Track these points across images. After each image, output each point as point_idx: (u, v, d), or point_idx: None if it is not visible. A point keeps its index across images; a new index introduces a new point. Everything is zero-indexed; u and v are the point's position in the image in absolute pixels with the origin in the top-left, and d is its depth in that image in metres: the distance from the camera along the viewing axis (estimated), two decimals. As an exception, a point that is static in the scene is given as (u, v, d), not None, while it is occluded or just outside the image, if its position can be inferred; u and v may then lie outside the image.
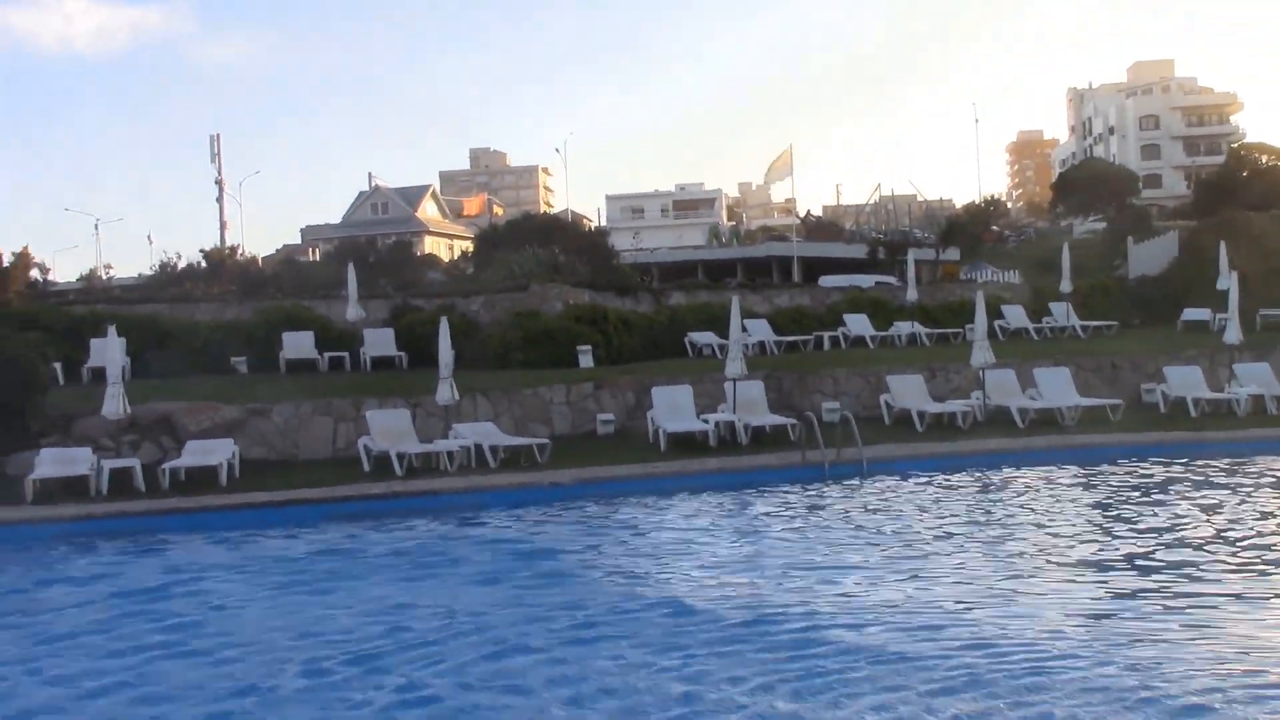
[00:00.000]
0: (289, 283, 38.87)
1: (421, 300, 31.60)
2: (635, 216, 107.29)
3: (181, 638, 11.03)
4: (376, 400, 22.52)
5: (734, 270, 57.28)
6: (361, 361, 28.26)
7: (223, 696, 9.17)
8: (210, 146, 71.19)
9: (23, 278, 40.49)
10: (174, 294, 34.98)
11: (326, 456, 21.91)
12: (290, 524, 16.92)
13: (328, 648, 10.30)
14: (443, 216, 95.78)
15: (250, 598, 12.80)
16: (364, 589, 12.91)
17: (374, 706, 8.81)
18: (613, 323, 29.21)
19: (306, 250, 77.30)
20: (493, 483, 19.06)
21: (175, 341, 27.51)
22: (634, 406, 24.47)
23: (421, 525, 16.80)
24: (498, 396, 23.60)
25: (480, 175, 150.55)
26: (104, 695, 9.36)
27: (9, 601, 13.23)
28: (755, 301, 34.25)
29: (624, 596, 11.88)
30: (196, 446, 20.39)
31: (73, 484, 18.83)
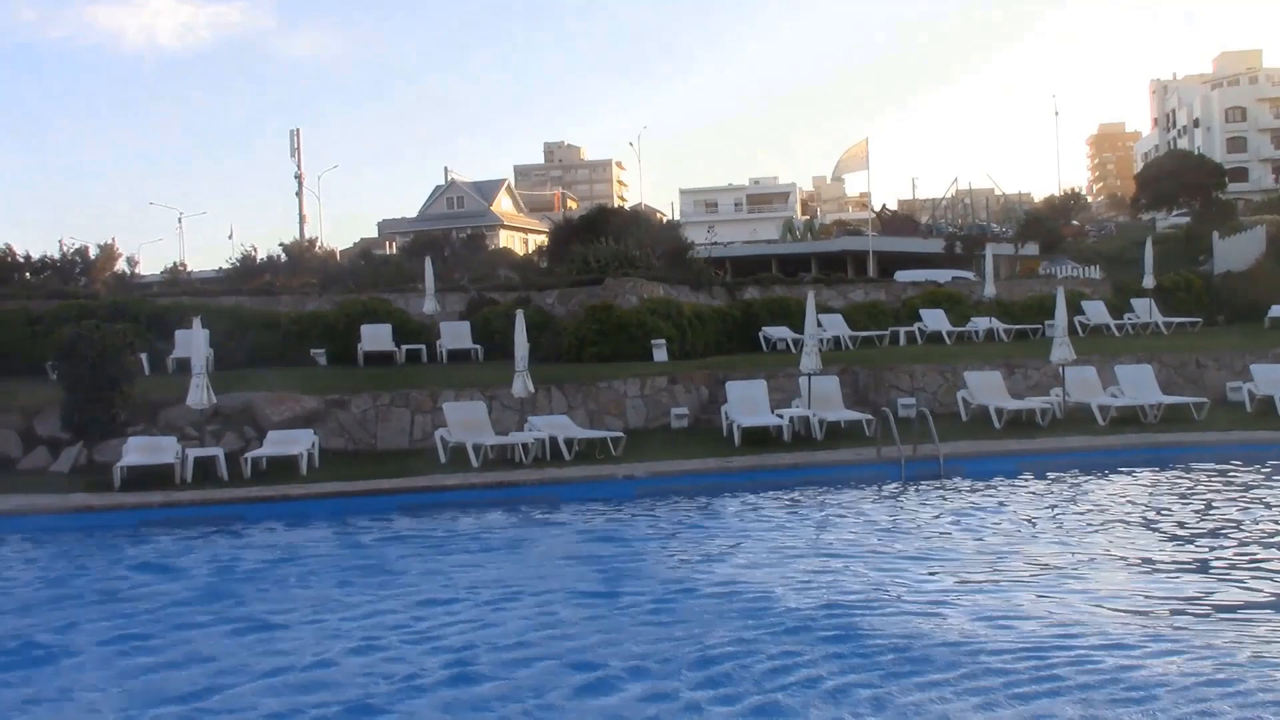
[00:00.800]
0: (366, 276, 39.31)
1: (496, 293, 31.81)
2: (709, 210, 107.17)
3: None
4: (453, 392, 22.74)
5: (808, 265, 56.98)
6: (438, 354, 28.54)
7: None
8: (290, 141, 72.22)
9: (110, 270, 41.36)
10: (255, 286, 35.53)
11: (404, 447, 22.17)
12: (370, 513, 17.15)
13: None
14: (517, 210, 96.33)
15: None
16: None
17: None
18: (687, 317, 29.19)
19: (383, 244, 78.20)
20: (567, 475, 19.15)
21: (256, 333, 28.00)
22: (708, 401, 24.47)
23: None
24: (572, 390, 23.72)
25: (554, 169, 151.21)
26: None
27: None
28: (830, 296, 34.04)
29: (709, 593, 11.82)
30: (278, 436, 20.77)
31: (159, 472, 19.25)
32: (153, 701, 8.91)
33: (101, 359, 20.70)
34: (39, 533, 16.56)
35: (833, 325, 31.16)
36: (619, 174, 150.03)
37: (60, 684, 9.53)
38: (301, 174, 71.80)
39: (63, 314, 26.52)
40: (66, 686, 9.45)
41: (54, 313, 27.06)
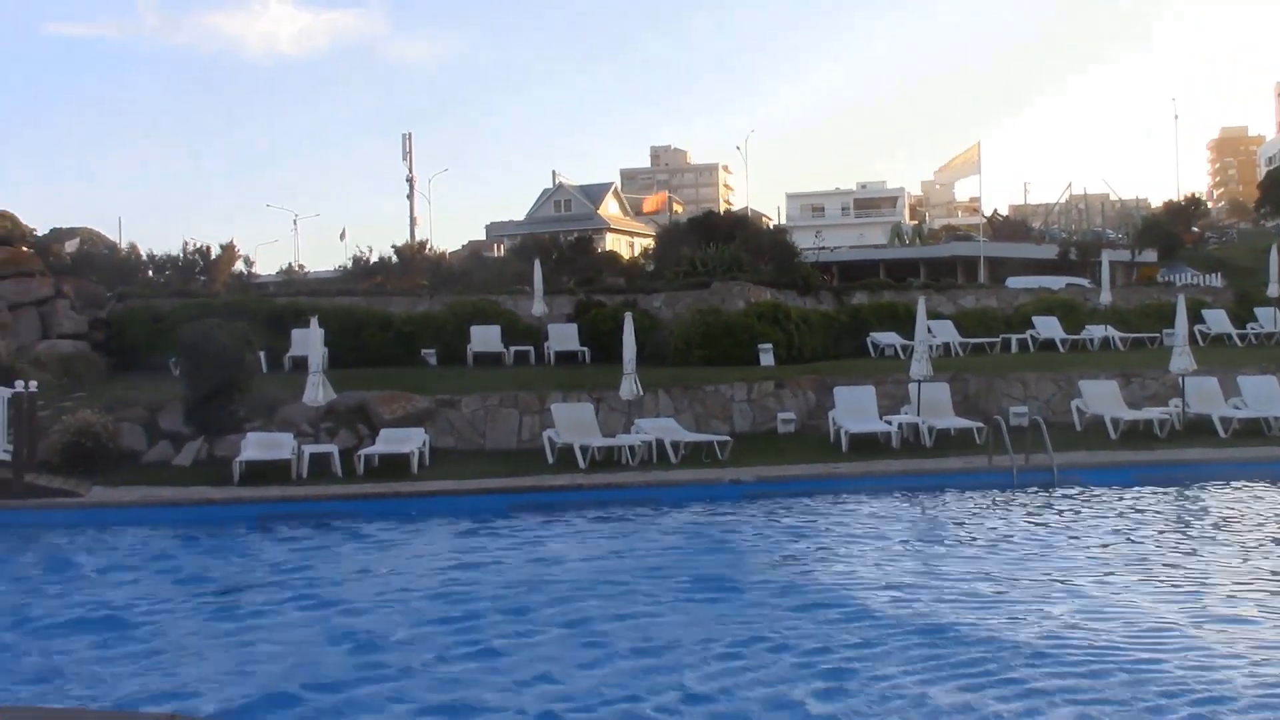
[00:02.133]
0: (476, 278, 39.83)
1: (604, 296, 31.98)
2: (815, 215, 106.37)
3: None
4: (561, 394, 22.93)
5: (916, 270, 56.30)
6: (545, 355, 28.79)
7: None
8: (402, 145, 73.44)
9: (229, 270, 42.46)
10: (367, 287, 36.21)
11: (512, 448, 22.41)
12: (480, 513, 17.37)
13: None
14: (624, 214, 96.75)
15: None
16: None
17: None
18: (794, 321, 29.04)
19: (492, 246, 79.08)
20: (674, 478, 19.19)
21: (369, 333, 28.57)
22: (814, 406, 24.31)
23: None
24: (679, 393, 23.75)
25: (660, 173, 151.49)
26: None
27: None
28: (940, 302, 33.60)
29: (820, 600, 11.74)
30: (390, 435, 21.15)
31: (275, 467, 19.74)
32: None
33: (222, 356, 21.28)
34: (165, 524, 17.07)
35: (942, 331, 30.73)
36: (725, 178, 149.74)
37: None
38: (413, 177, 73.00)
39: (185, 312, 27.31)
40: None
41: (177, 311, 27.90)
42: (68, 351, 26.78)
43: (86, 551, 15.43)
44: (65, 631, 10.99)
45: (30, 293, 27.61)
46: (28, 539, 16.35)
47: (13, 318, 26.77)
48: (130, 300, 30.02)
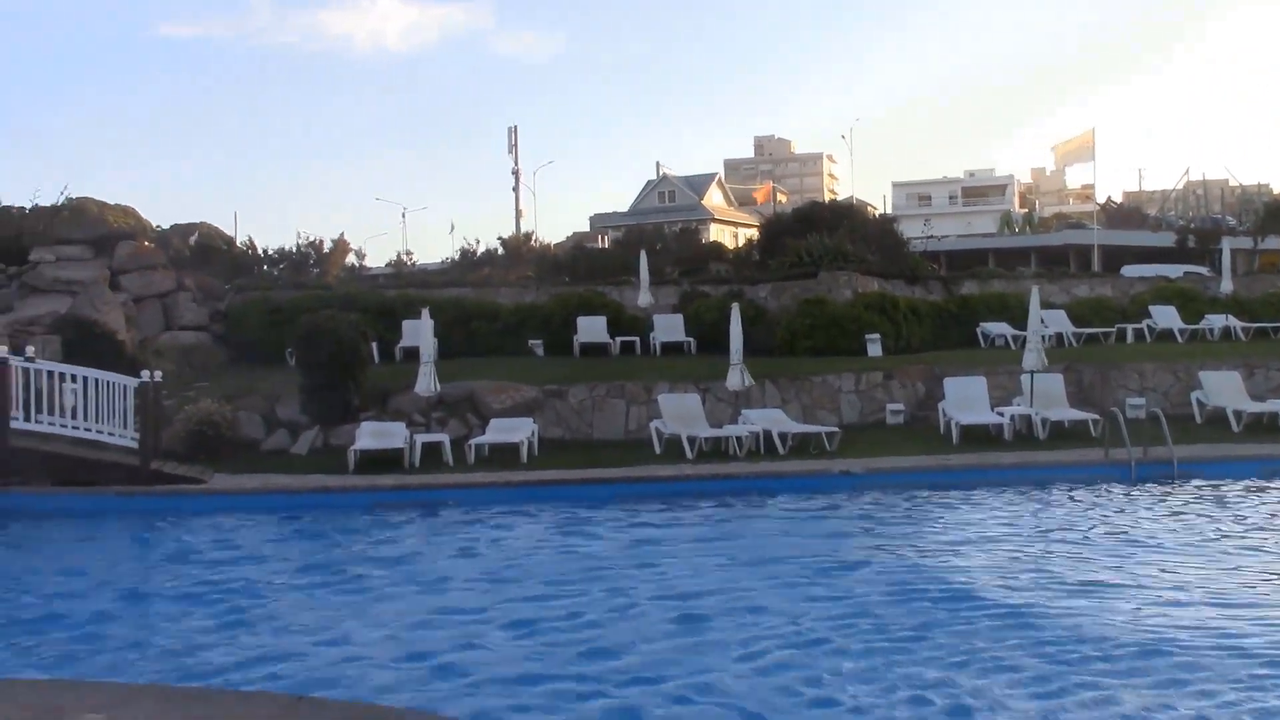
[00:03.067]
0: (581, 269, 40.04)
1: (709, 286, 31.95)
2: (922, 204, 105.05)
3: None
4: (667, 384, 23.00)
5: (1027, 259, 55.23)
6: (651, 346, 28.86)
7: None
8: (508, 138, 74.18)
9: (340, 262, 43.30)
10: (475, 279, 36.66)
11: (619, 438, 22.54)
12: (588, 502, 17.51)
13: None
14: (728, 204, 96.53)
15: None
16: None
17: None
18: (902, 311, 28.70)
19: (596, 237, 79.49)
20: (782, 469, 19.13)
21: (478, 324, 28.94)
22: (924, 397, 24.03)
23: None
24: (785, 383, 23.66)
25: (764, 163, 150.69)
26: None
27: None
28: (1052, 291, 32.89)
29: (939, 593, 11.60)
30: (499, 424, 21.42)
31: (388, 456, 20.12)
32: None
33: (337, 348, 21.75)
34: (284, 510, 17.52)
35: (1055, 321, 30.08)
36: (829, 167, 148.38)
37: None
38: (518, 170, 73.72)
39: (300, 304, 27.93)
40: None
41: (292, 303, 28.55)
42: (189, 342, 27.64)
43: (214, 536, 15.89)
44: (201, 611, 11.36)
45: (153, 286, 28.52)
46: (156, 523, 16.89)
47: (137, 310, 27.68)
48: (247, 293, 30.80)
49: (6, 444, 18.81)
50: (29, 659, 9.77)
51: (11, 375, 18.88)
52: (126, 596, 12.24)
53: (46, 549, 15.60)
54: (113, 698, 6.51)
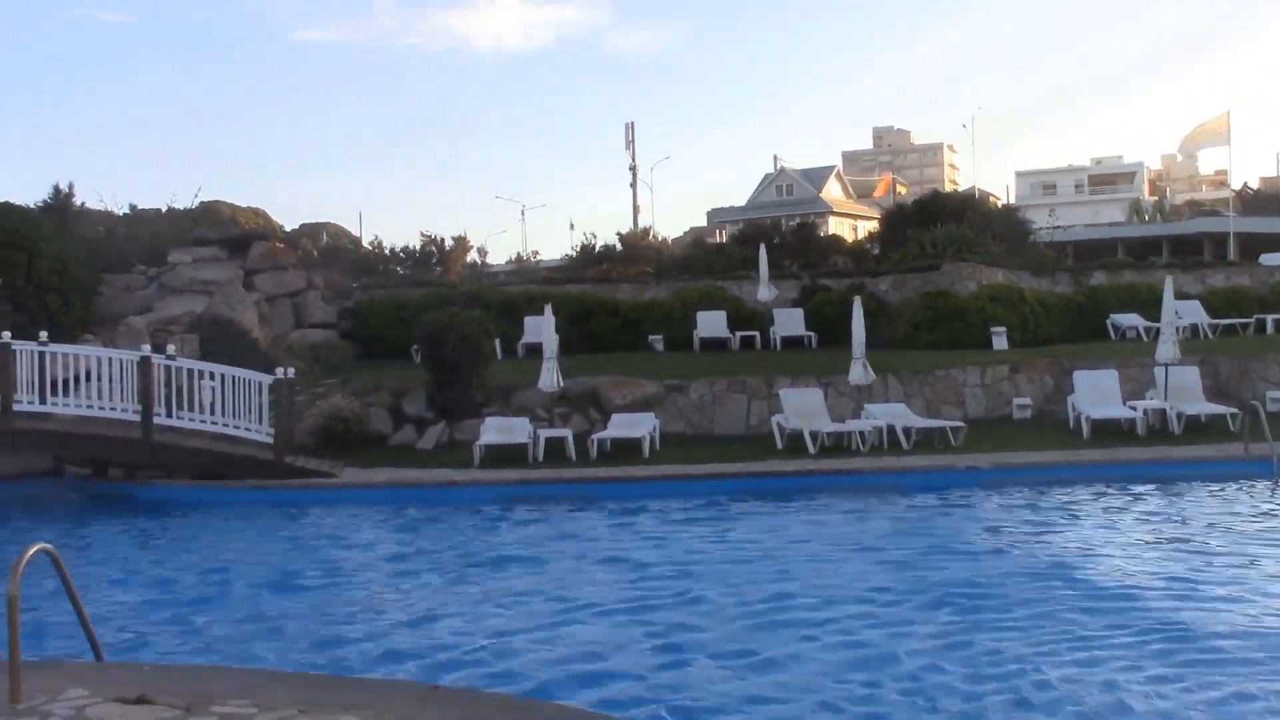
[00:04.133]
0: (699, 264, 40.03)
1: (829, 280, 31.70)
2: (1047, 193, 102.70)
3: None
4: (788, 379, 22.88)
5: (1158, 248, 53.66)
6: (771, 341, 28.76)
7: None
8: (625, 134, 74.42)
9: (462, 260, 43.99)
10: (595, 275, 36.91)
11: (740, 433, 22.50)
12: (711, 496, 17.53)
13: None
14: (846, 197, 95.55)
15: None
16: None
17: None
18: (1029, 303, 28.12)
19: (713, 232, 79.36)
20: (907, 464, 18.91)
21: (598, 319, 29.16)
22: (1052, 391, 23.52)
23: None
24: (908, 377, 23.36)
25: (883, 154, 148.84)
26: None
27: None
28: (1186, 281, 31.84)
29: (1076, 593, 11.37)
30: (621, 420, 21.56)
31: (512, 451, 20.40)
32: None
33: (461, 344, 22.12)
34: (413, 503, 17.90)
35: (1189, 312, 29.14)
36: (950, 157, 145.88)
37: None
38: (635, 166, 73.89)
39: (424, 302, 28.48)
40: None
41: (417, 301, 29.12)
42: (318, 340, 28.37)
43: (349, 528, 16.35)
44: (341, 599, 11.69)
45: (285, 285, 29.33)
46: (292, 515, 17.39)
47: (269, 309, 28.50)
48: (374, 291, 31.50)
49: (150, 439, 19.57)
50: (181, 645, 10.15)
51: (155, 373, 19.61)
52: (269, 586, 12.64)
53: (192, 539, 16.16)
54: (255, 683, 6.74)
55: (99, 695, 6.16)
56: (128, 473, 20.80)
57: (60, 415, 20.38)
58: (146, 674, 6.97)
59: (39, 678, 6.45)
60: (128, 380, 19.90)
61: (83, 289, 26.39)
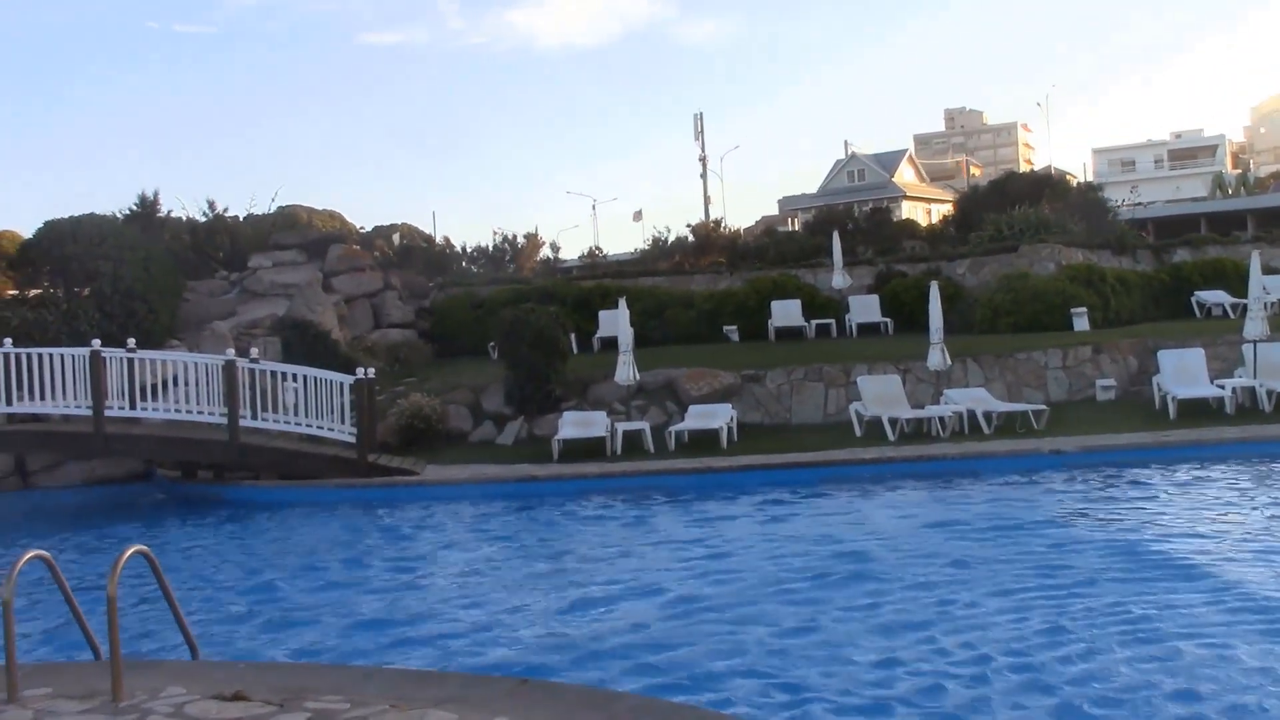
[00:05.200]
0: (772, 253, 39.86)
1: (904, 265, 31.44)
2: (1125, 170, 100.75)
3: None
4: (865, 366, 22.71)
5: (1242, 222, 52.33)
6: (847, 328, 28.59)
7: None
8: (694, 125, 74.20)
9: (535, 256, 44.24)
10: (668, 267, 36.93)
11: (818, 421, 22.39)
12: (790, 486, 17.46)
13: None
14: (919, 180, 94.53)
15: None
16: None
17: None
18: (1110, 283, 27.63)
19: (785, 220, 78.93)
20: (989, 449, 18.68)
21: (672, 311, 29.18)
22: (1136, 371, 23.10)
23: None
24: (988, 361, 23.07)
25: (956, 135, 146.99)
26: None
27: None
28: (1273, 255, 31.09)
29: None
30: (698, 410, 21.55)
31: (590, 444, 20.49)
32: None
33: (538, 340, 22.26)
34: (496, 499, 18.05)
35: (1277, 287, 28.43)
36: (1024, 136, 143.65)
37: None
38: (705, 156, 73.67)
39: (500, 299, 28.72)
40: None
41: (492, 298, 29.36)
42: (396, 339, 28.71)
43: (437, 524, 16.56)
44: (434, 597, 11.85)
45: (362, 286, 29.74)
46: (378, 512, 17.63)
47: (348, 310, 28.91)
48: (450, 289, 31.81)
49: (237, 441, 19.95)
50: (274, 642, 10.35)
51: (239, 376, 19.99)
52: (362, 583, 12.82)
53: (282, 539, 16.46)
54: (347, 679, 6.85)
55: (197, 692, 6.30)
56: (216, 474, 21.25)
57: (150, 420, 20.85)
58: (241, 671, 7.12)
59: (139, 676, 6.62)
60: (213, 384, 20.31)
61: (168, 295, 26.96)
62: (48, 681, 6.71)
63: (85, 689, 6.44)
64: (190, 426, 20.79)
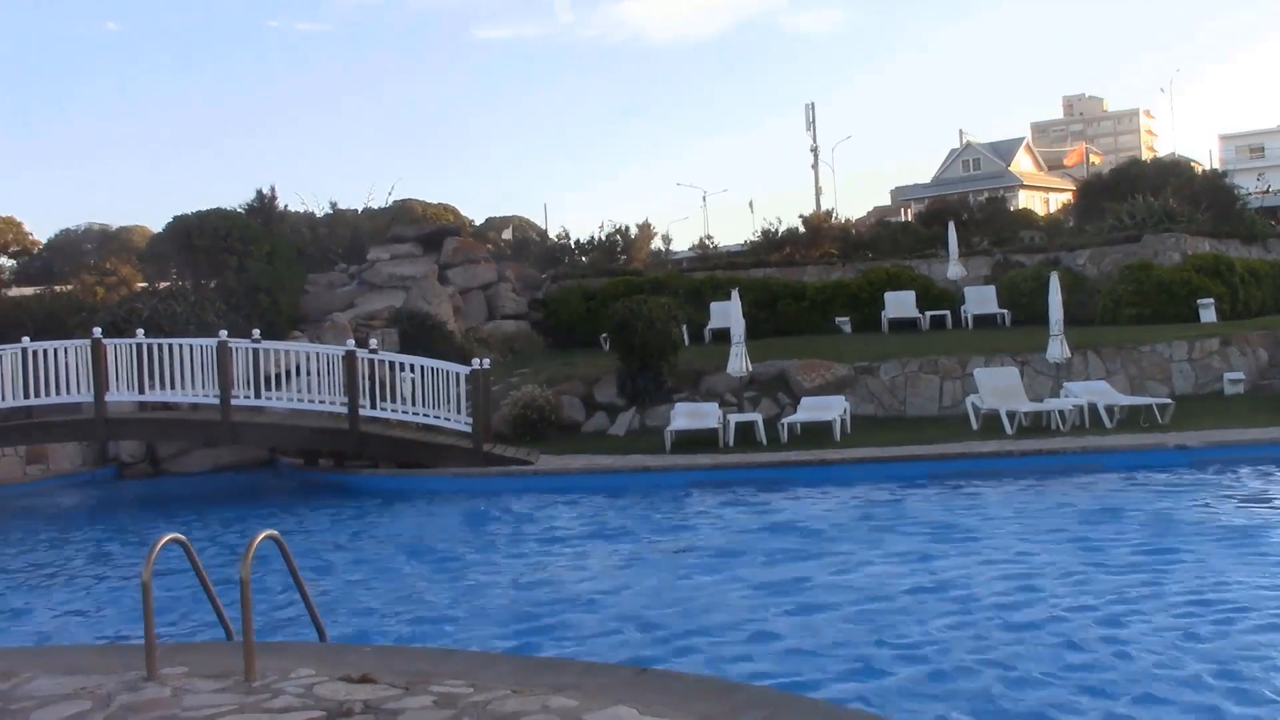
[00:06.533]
0: (885, 244, 39.42)
1: (1022, 255, 30.84)
2: (1254, 156, 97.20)
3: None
4: (982, 358, 22.33)
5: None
6: (962, 319, 28.15)
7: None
8: (805, 115, 73.64)
9: (646, 248, 44.32)
10: (779, 258, 36.74)
11: (933, 414, 22.09)
12: (903, 479, 17.25)
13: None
14: (1037, 169, 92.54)
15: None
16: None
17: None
18: (1239, 273, 26.76)
19: (897, 211, 77.95)
20: (1111, 444, 18.21)
21: (784, 303, 29.04)
22: (1266, 364, 22.39)
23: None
24: (1110, 353, 22.52)
25: (1075, 123, 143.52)
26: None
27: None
28: None
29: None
30: (811, 403, 21.42)
31: (703, 436, 20.48)
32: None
33: (650, 331, 22.33)
34: (610, 490, 18.11)
35: None
36: (1147, 123, 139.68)
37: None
38: (816, 147, 73.04)
39: (612, 290, 28.87)
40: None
41: (605, 290, 29.52)
42: (510, 331, 29.07)
43: (553, 512, 16.68)
44: (554, 586, 11.96)
45: (477, 278, 30.15)
46: (498, 501, 17.82)
47: (463, 301, 29.34)
48: (562, 281, 32.06)
49: (357, 430, 20.39)
50: (398, 626, 10.57)
51: (359, 367, 20.42)
52: (483, 570, 12.98)
53: (402, 526, 16.75)
54: (471, 664, 6.97)
55: (325, 674, 6.46)
56: (337, 462, 21.74)
57: (273, 409, 21.41)
58: (368, 655, 7.28)
59: (269, 657, 6.81)
60: (334, 374, 20.76)
61: (290, 288, 27.67)
62: (184, 660, 6.93)
63: (219, 668, 6.63)
64: (312, 415, 21.29)
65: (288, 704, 5.90)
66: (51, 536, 17.45)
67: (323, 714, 5.70)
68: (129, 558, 14.72)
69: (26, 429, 21.34)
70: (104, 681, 6.47)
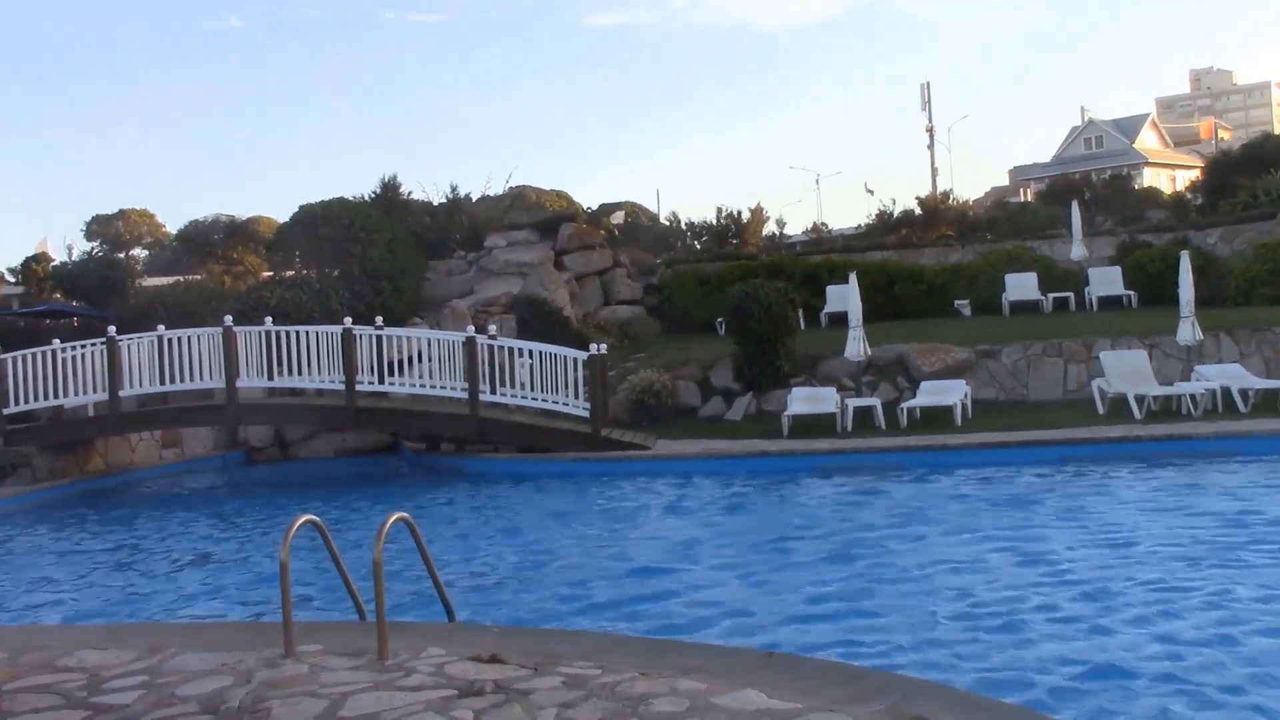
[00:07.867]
0: (1004, 225, 38.68)
1: (1149, 235, 29.97)
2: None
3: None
4: (1108, 341, 21.78)
5: None
6: (1086, 301, 27.47)
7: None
8: (921, 95, 72.42)
9: (759, 232, 44.07)
10: (895, 241, 36.27)
11: (1057, 398, 21.61)
12: (1027, 465, 16.90)
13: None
14: (1163, 145, 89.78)
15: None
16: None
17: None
18: (1383, 251, 25.65)
19: (1016, 191, 76.34)
20: (1247, 429, 17.61)
21: (902, 286, 28.66)
22: None
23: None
24: (1244, 336, 21.77)
25: (1202, 98, 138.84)
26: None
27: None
28: None
29: None
30: (930, 387, 21.12)
31: (820, 420, 20.33)
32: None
33: (766, 315, 22.23)
34: (728, 474, 18.09)
35: None
36: (1279, 96, 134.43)
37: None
38: (932, 127, 71.84)
39: (727, 275, 28.80)
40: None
41: (719, 274, 29.46)
42: (625, 316, 29.18)
43: (676, 497, 16.73)
44: (680, 567, 12.04)
45: (592, 264, 30.32)
46: (613, 486, 17.94)
47: (579, 287, 29.54)
48: (677, 266, 32.07)
49: (477, 415, 20.69)
50: (525, 607, 10.72)
51: (479, 353, 20.71)
52: (611, 554, 13.08)
53: (525, 509, 16.94)
54: (599, 646, 7.03)
55: (455, 654, 6.57)
56: (458, 447, 22.09)
57: (396, 394, 21.84)
58: (496, 635, 7.38)
59: (401, 637, 6.95)
60: (454, 360, 21.09)
61: (411, 275, 28.17)
62: (319, 639, 7.11)
63: (353, 647, 6.80)
64: (433, 400, 21.67)
65: (420, 682, 6.03)
66: (188, 517, 18.08)
67: (454, 693, 5.82)
68: (264, 538, 15.18)
69: (164, 414, 22.11)
70: (244, 658, 6.68)
